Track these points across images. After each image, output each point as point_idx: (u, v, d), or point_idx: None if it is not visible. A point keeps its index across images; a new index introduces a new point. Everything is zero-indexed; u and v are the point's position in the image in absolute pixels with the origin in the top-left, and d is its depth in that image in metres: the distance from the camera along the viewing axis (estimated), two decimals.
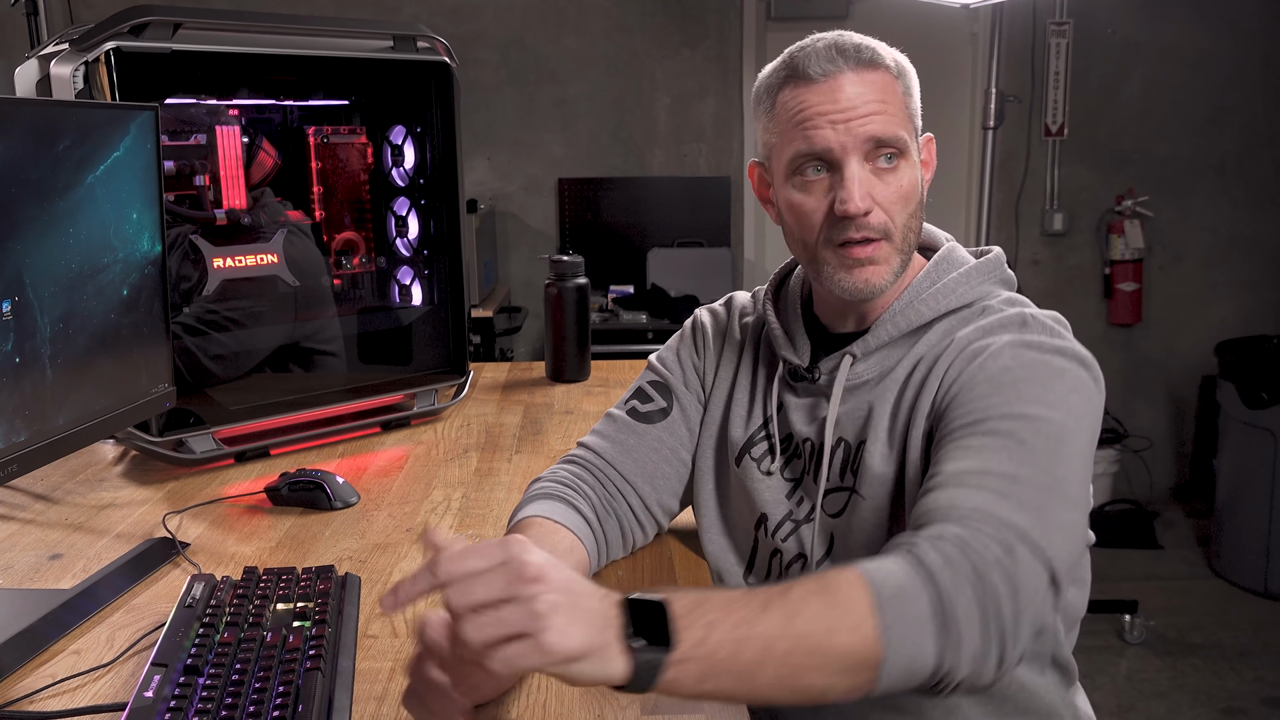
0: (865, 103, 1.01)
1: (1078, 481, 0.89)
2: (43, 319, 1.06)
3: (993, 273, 1.09)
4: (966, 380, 0.97)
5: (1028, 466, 0.86)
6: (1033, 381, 0.93)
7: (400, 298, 1.85)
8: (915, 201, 1.06)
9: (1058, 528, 0.83)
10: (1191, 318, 4.21)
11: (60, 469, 1.52)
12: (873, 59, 1.03)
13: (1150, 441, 4.18)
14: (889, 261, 1.05)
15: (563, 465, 1.20)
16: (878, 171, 1.03)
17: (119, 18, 1.36)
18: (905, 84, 1.06)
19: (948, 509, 0.84)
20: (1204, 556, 3.73)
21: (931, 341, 1.05)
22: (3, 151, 0.99)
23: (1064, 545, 0.83)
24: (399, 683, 0.92)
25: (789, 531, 1.13)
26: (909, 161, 1.05)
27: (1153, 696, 2.85)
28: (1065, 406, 0.92)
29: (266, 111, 1.72)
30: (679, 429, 1.21)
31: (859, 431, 1.07)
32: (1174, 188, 4.12)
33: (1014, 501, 0.83)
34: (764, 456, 1.15)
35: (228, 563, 1.19)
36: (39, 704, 0.90)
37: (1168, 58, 4.05)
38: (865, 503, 1.04)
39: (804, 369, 1.11)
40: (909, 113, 1.06)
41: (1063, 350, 0.96)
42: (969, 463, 0.88)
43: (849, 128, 1.01)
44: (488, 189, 4.11)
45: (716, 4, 4.05)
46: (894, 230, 1.04)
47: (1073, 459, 0.89)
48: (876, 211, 1.03)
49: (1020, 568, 0.78)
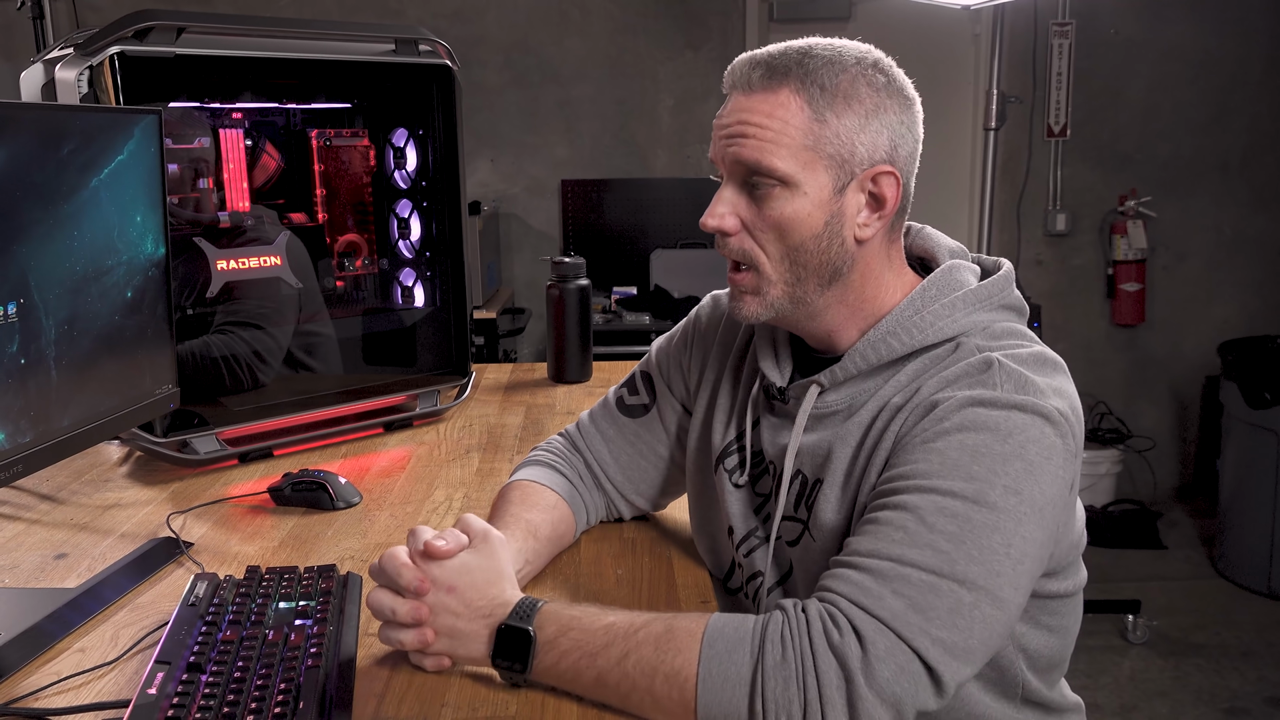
0: (739, 124, 0.98)
1: (980, 559, 0.85)
2: (47, 321, 1.07)
3: (989, 299, 1.01)
4: (909, 440, 0.93)
5: (919, 549, 0.85)
6: (966, 449, 0.88)
7: (403, 299, 1.86)
8: (801, 235, 0.98)
9: (939, 614, 0.83)
10: (1195, 318, 4.21)
11: (65, 469, 1.53)
12: (767, 78, 0.97)
13: (1154, 442, 4.18)
14: (762, 294, 1.01)
15: (557, 437, 1.31)
16: (753, 196, 0.99)
17: (123, 22, 1.37)
18: (819, 109, 0.96)
19: (830, 585, 0.88)
20: (1207, 556, 3.73)
21: (900, 383, 0.99)
22: (8, 155, 1.00)
23: (948, 630, 0.83)
24: (400, 681, 0.93)
25: (750, 548, 1.12)
26: (793, 193, 0.96)
27: (1155, 696, 2.86)
28: (994, 477, 0.87)
29: (270, 115, 1.73)
30: (655, 426, 1.25)
31: (817, 469, 1.03)
32: (1177, 188, 4.12)
33: (889, 588, 0.84)
34: (735, 469, 1.14)
35: (231, 562, 1.21)
36: (43, 701, 0.91)
37: (1170, 58, 4.05)
38: (815, 544, 1.02)
39: (776, 390, 1.08)
40: (806, 140, 0.96)
41: (1023, 405, 0.90)
42: (865, 542, 0.89)
43: (724, 146, 0.99)
44: (491, 191, 4.13)
45: (719, 5, 4.06)
46: (764, 260, 1.00)
47: (981, 534, 0.86)
48: (741, 236, 1.00)
49: (873, 655, 0.82)
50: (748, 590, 1.14)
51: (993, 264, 1.08)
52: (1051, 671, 1.07)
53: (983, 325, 1.00)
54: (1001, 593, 0.85)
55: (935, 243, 1.09)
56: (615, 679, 0.87)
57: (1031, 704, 1.05)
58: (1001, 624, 0.87)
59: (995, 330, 1.00)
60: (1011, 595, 0.87)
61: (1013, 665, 1.02)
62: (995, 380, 0.92)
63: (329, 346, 1.77)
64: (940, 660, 0.83)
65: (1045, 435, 0.89)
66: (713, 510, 1.18)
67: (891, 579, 0.84)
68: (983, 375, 0.93)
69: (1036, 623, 1.02)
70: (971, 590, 0.84)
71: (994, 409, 0.90)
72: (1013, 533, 0.86)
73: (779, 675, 0.82)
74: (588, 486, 1.26)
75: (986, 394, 0.91)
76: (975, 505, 0.86)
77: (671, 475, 1.26)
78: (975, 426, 0.89)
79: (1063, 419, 0.91)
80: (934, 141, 1.08)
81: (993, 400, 0.90)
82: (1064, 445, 0.91)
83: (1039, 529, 0.89)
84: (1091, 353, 4.22)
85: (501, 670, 0.92)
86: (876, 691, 0.81)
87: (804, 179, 0.96)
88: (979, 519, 0.86)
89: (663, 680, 0.85)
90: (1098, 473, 4.01)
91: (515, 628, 0.91)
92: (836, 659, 0.82)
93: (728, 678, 0.84)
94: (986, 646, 0.86)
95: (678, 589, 1.13)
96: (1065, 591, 1.04)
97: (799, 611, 0.86)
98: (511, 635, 0.91)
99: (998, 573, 0.85)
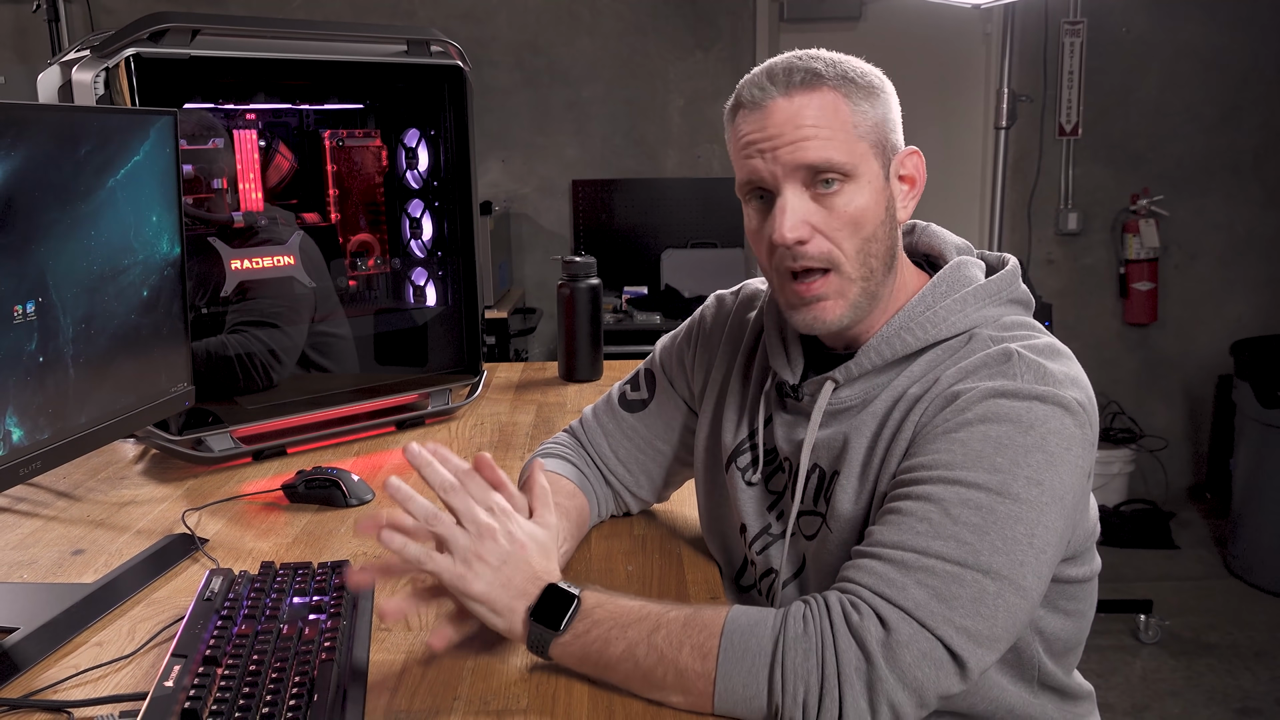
0: (795, 128, 0.97)
1: (1004, 549, 0.87)
2: (65, 319, 1.09)
3: (998, 294, 1.03)
4: (930, 430, 0.94)
5: (942, 540, 0.87)
6: (990, 440, 0.90)
7: (415, 298, 1.87)
8: (872, 225, 0.99)
9: (963, 602, 0.85)
10: (1207, 317, 4.19)
11: (82, 467, 1.55)
12: (806, 80, 0.98)
13: (1166, 441, 4.17)
14: (842, 295, 1.00)
15: (563, 433, 1.34)
16: (819, 197, 0.98)
17: (139, 25, 1.39)
18: (856, 102, 0.99)
19: (852, 576, 0.89)
20: (1220, 556, 3.72)
21: (915, 375, 1.01)
22: (26, 157, 1.02)
23: (973, 618, 0.85)
24: (413, 675, 0.94)
25: (764, 546, 1.13)
26: (858, 184, 0.98)
27: (1167, 696, 2.85)
28: (1016, 469, 0.89)
29: (283, 115, 1.74)
30: (654, 422, 1.27)
31: (834, 461, 1.04)
32: (1189, 186, 4.11)
33: (913, 579, 0.86)
34: (748, 467, 1.14)
35: (245, 558, 1.22)
36: (63, 693, 0.92)
37: (1183, 56, 4.04)
38: (833, 536, 1.03)
39: (790, 387, 1.10)
40: (859, 132, 0.98)
41: (1044, 396, 0.91)
42: (887, 533, 0.90)
43: (777, 156, 0.97)
44: (502, 191, 4.14)
45: (729, 6, 4.07)
46: (842, 259, 0.99)
47: (1005, 525, 0.87)
48: (817, 240, 0.98)
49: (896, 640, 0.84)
50: (760, 587, 1.15)
51: (998, 259, 1.10)
52: (1067, 656, 1.09)
53: (993, 318, 1.02)
54: (1025, 581, 0.87)
55: (941, 240, 1.11)
56: (644, 651, 0.88)
57: (1048, 689, 1.07)
58: (1024, 611, 0.89)
59: (1005, 323, 1.02)
60: (1034, 583, 0.88)
61: (1030, 648, 1.03)
62: (1016, 371, 0.94)
63: (342, 345, 1.79)
64: (965, 647, 0.85)
65: (1066, 426, 0.91)
66: (724, 509, 1.19)
67: (915, 570, 0.86)
68: (1003, 366, 0.94)
69: (1054, 607, 1.04)
70: (995, 580, 0.86)
71: (1016, 400, 0.91)
72: (1035, 522, 0.88)
73: (799, 647, 0.85)
74: (595, 479, 1.27)
75: (1008, 385, 0.93)
76: (999, 496, 0.88)
77: (672, 469, 1.28)
78: (998, 418, 0.91)
79: (1081, 409, 0.93)
80: (945, 141, 1.10)
81: (1014, 391, 0.92)
82: (1082, 435, 0.93)
83: (1059, 518, 0.90)
84: (1103, 352, 4.21)
85: (533, 629, 0.91)
86: (898, 675, 0.83)
87: (864, 170, 0.99)
88: (1002, 510, 0.87)
89: (689, 651, 0.87)
90: (1110, 472, 4.00)
91: (561, 589, 0.93)
92: (856, 641, 0.84)
93: (749, 649, 0.86)
94: (1010, 633, 0.88)
95: (688, 585, 1.13)
96: (1082, 577, 1.05)
97: (820, 599, 0.88)
98: (556, 595, 0.92)
99: (1021, 562, 0.87)
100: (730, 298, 1.26)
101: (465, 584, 0.92)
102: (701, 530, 1.25)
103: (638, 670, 0.89)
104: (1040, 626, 1.03)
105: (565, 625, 0.91)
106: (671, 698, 0.89)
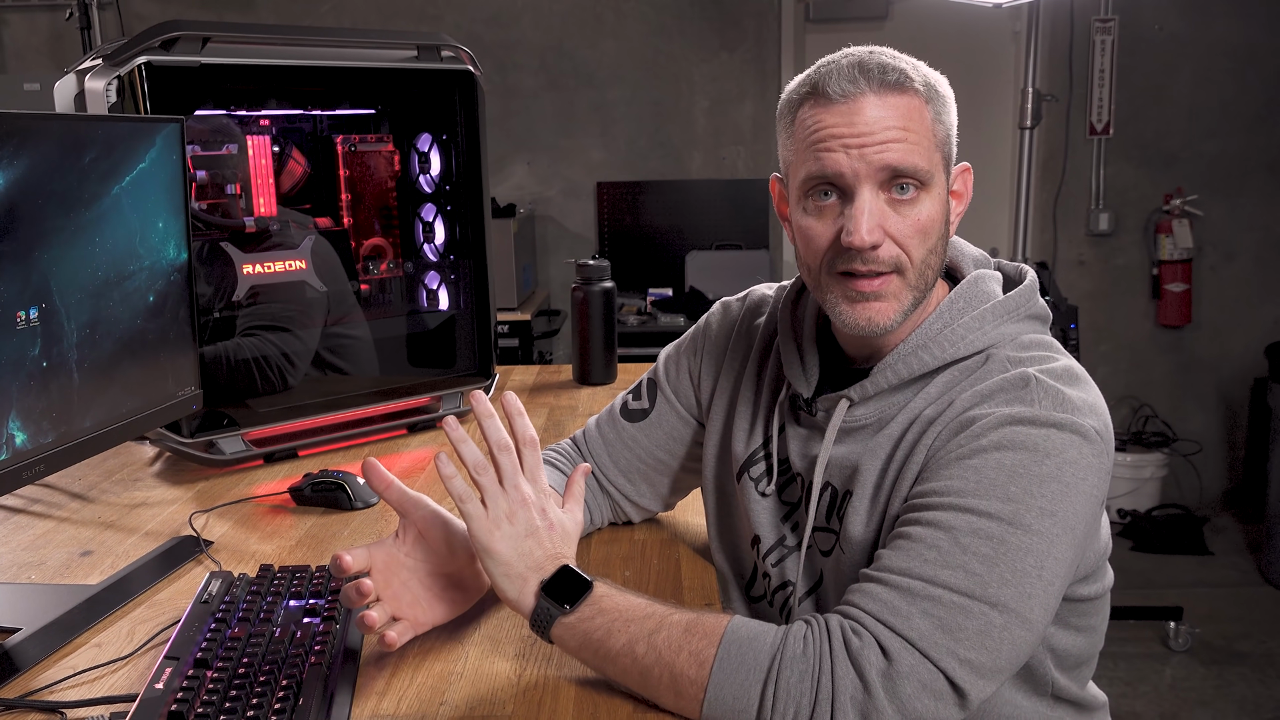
0: (885, 129, 0.94)
1: (1013, 582, 0.85)
2: (69, 324, 1.10)
3: (1016, 310, 1.01)
4: (944, 454, 0.92)
5: (951, 570, 0.85)
6: (1004, 469, 0.88)
7: (427, 302, 1.88)
8: (936, 236, 0.98)
9: (968, 635, 0.83)
10: (1242, 319, 4.11)
11: (97, 469, 1.58)
12: (899, 81, 0.96)
13: (1200, 445, 4.09)
14: (899, 298, 0.98)
15: (567, 440, 1.33)
16: (893, 202, 0.96)
17: (150, 33, 1.41)
18: (936, 110, 0.98)
19: (856, 601, 0.88)
20: (1254, 563, 3.65)
21: (931, 396, 0.99)
22: (29, 165, 1.03)
23: (977, 651, 0.83)
24: (401, 679, 0.95)
25: (778, 558, 1.12)
26: (931, 194, 0.97)
27: (1197, 705, 2.80)
28: (1030, 499, 0.87)
29: (296, 121, 1.76)
30: (655, 432, 1.25)
31: (846, 481, 1.03)
32: (1224, 186, 4.04)
33: (919, 608, 0.84)
34: (761, 477, 1.13)
35: (248, 560, 1.23)
36: (58, 694, 0.93)
37: (1216, 53, 3.96)
38: (845, 556, 1.02)
39: (804, 401, 1.08)
40: (936, 141, 0.98)
41: (1061, 424, 0.89)
42: (895, 558, 0.88)
43: (863, 154, 0.94)
44: (527, 193, 4.16)
45: (754, 6, 4.05)
46: (908, 265, 0.97)
47: (1015, 557, 0.85)
48: (888, 245, 0.96)
49: (896, 671, 0.82)
50: (773, 599, 1.14)
51: (1015, 271, 1.07)
52: (1080, 669, 1.07)
53: (1011, 336, 1.00)
54: (1032, 614, 0.86)
55: (959, 251, 1.09)
56: (643, 649, 0.88)
57: (1062, 701, 1.06)
58: (1029, 644, 0.87)
59: (1023, 341, 1.00)
60: (1040, 616, 0.87)
61: (1041, 664, 1.02)
62: (1034, 397, 0.92)
63: (354, 348, 1.80)
64: (967, 679, 0.83)
65: (1083, 455, 0.89)
66: (735, 519, 1.18)
67: (921, 598, 0.84)
68: (1021, 391, 0.92)
69: (1065, 624, 1.02)
70: (1003, 613, 0.84)
71: (1033, 427, 0.89)
72: (1045, 554, 0.86)
73: (796, 667, 0.84)
74: (591, 487, 1.26)
75: (1025, 411, 0.90)
76: (1010, 527, 0.86)
77: (676, 478, 1.27)
78: (1013, 445, 0.89)
79: (1098, 437, 0.91)
80: (973, 141, 1.08)
81: (1031, 418, 0.90)
82: (1099, 464, 0.91)
83: (1069, 549, 0.89)
84: (1136, 354, 4.15)
85: (541, 602, 0.92)
86: (897, 707, 0.82)
87: (936, 179, 0.98)
88: (1013, 541, 0.86)
89: (686, 657, 0.87)
90: (1142, 476, 3.93)
91: (576, 572, 0.93)
92: (855, 669, 0.83)
93: (745, 661, 0.85)
94: (1013, 665, 0.87)
95: (684, 592, 1.13)
96: (1093, 594, 1.04)
97: (821, 621, 0.87)
98: (570, 576, 0.93)
99: (1029, 595, 0.85)
100: (736, 304, 1.24)
101: (490, 540, 0.93)
102: (709, 539, 1.24)
103: (635, 666, 0.89)
104: (1051, 644, 1.02)
105: (574, 606, 0.91)
106: (664, 699, 0.88)
